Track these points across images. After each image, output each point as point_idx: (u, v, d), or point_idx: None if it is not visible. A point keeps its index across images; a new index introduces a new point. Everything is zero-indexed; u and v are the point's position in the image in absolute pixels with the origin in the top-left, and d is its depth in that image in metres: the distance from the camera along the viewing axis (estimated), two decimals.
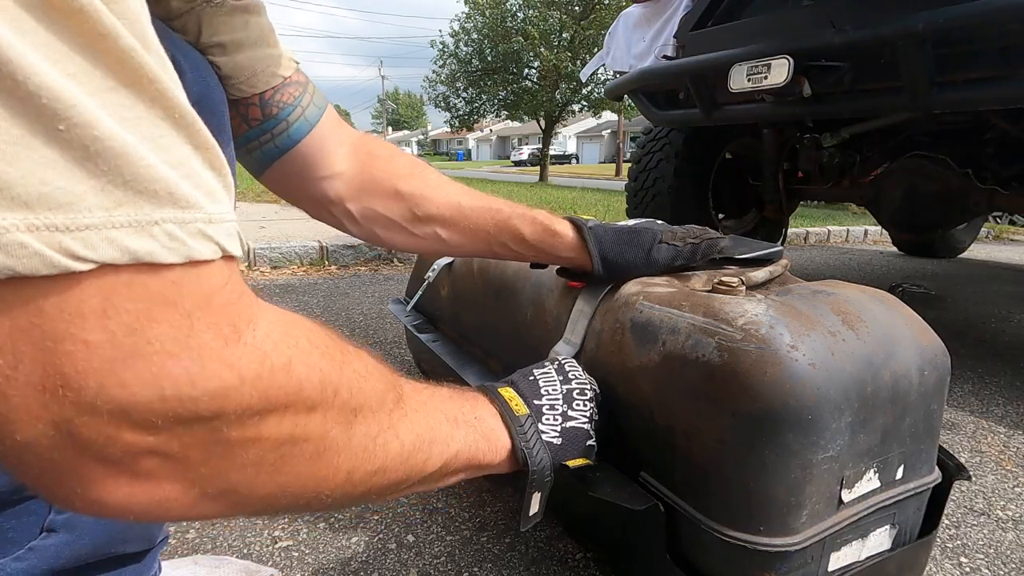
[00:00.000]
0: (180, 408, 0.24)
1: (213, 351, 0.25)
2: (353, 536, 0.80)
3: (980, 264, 3.62)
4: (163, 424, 0.24)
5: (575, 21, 13.62)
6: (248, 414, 0.26)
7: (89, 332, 0.22)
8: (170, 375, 0.23)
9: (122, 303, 0.22)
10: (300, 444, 0.29)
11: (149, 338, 0.23)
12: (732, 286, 0.61)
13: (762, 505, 0.51)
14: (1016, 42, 1.17)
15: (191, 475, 0.26)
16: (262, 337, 0.27)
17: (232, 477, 0.27)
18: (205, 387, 0.24)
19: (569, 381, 0.58)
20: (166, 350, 0.23)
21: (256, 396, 0.26)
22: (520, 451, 0.49)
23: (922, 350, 0.58)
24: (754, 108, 1.66)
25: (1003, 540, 0.86)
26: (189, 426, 0.25)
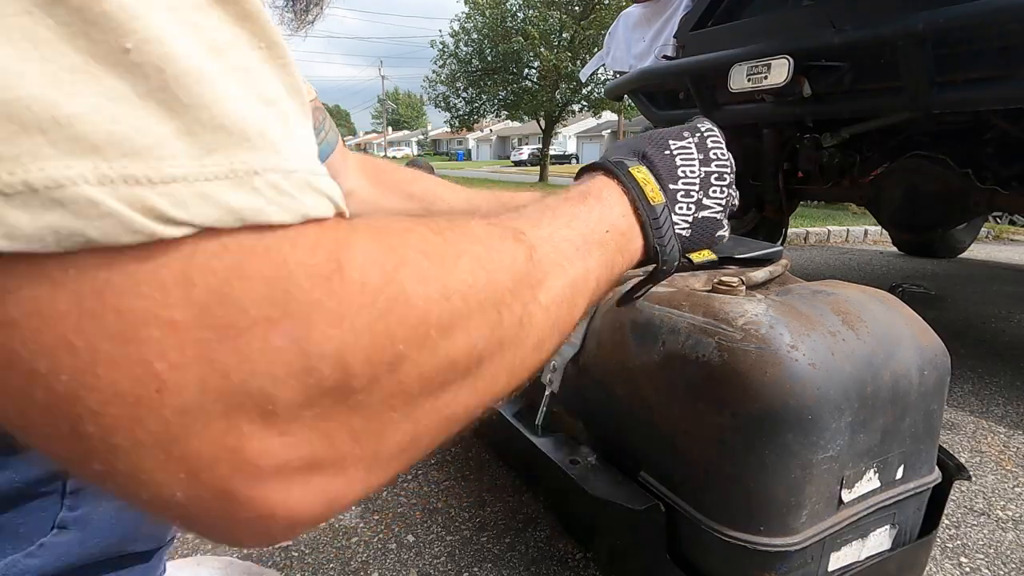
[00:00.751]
0: (299, 386, 0.19)
1: (317, 303, 0.19)
2: (353, 536, 0.80)
3: (980, 264, 3.62)
4: (286, 411, 0.19)
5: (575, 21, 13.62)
6: (384, 367, 0.21)
7: (174, 311, 0.17)
8: (276, 349, 0.18)
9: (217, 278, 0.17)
10: (448, 371, 0.24)
11: (242, 308, 0.18)
12: (732, 286, 0.61)
13: (762, 505, 0.51)
14: (1016, 42, 1.17)
15: (351, 456, 0.21)
16: (364, 271, 0.21)
17: (389, 438, 0.23)
18: (320, 352, 0.19)
19: (709, 162, 0.47)
20: (265, 316, 0.18)
21: (386, 344, 0.21)
22: (652, 248, 0.42)
23: (922, 350, 0.58)
24: (754, 108, 1.66)
25: (1003, 540, 0.86)
26: (319, 404, 0.20)
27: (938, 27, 1.16)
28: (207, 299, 0.17)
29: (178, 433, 0.17)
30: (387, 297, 0.21)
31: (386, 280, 0.22)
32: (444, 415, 0.25)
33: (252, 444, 0.19)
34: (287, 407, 0.19)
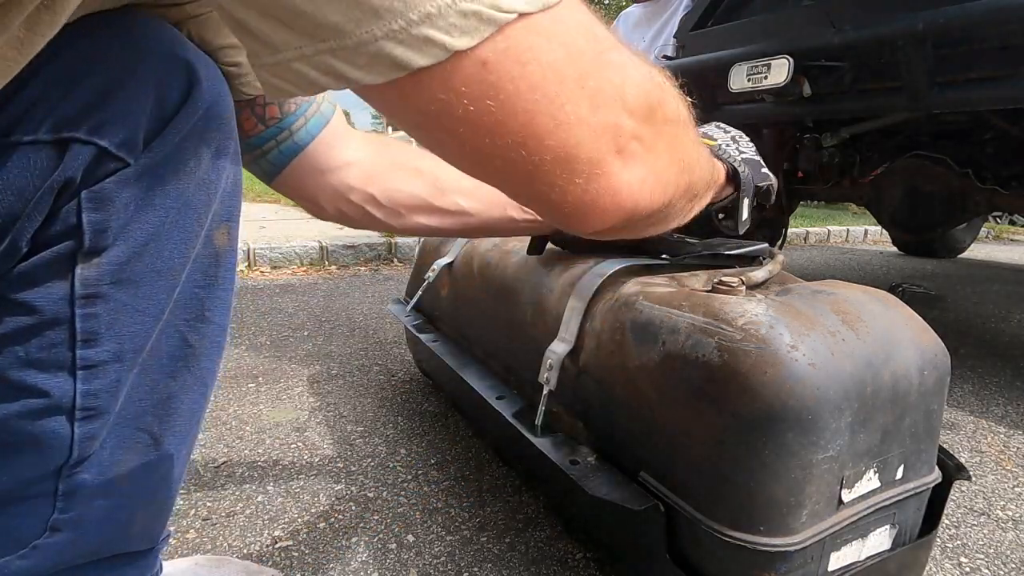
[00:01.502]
0: (639, 94, 0.33)
1: (631, 60, 0.33)
2: (353, 536, 0.80)
3: (980, 264, 3.62)
4: (635, 107, 0.33)
5: None
6: (660, 100, 0.36)
7: (580, 41, 0.30)
8: (629, 76, 0.33)
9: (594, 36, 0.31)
10: (678, 126, 0.39)
11: (609, 60, 0.31)
12: (732, 286, 0.61)
13: (762, 505, 0.51)
14: (1016, 42, 1.17)
15: (650, 155, 0.35)
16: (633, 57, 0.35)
17: (663, 153, 0.37)
18: (644, 85, 0.34)
19: (728, 132, 0.68)
20: (619, 62, 0.32)
21: (655, 87, 0.35)
22: (730, 166, 0.61)
23: (922, 350, 0.58)
24: (754, 108, 1.66)
25: (1003, 540, 0.86)
26: (644, 109, 0.33)
27: (938, 27, 1.16)
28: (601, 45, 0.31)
29: (598, 115, 0.31)
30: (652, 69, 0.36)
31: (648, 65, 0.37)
32: (678, 156, 0.40)
33: (622, 122, 0.32)
34: (634, 105, 0.33)
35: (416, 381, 1.36)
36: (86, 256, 0.41)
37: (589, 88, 0.30)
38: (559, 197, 0.33)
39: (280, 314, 1.88)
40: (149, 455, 0.51)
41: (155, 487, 0.52)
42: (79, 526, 0.47)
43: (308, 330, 1.73)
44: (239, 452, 1.01)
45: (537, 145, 0.30)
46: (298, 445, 1.04)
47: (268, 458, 1.00)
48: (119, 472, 0.49)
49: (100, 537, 0.48)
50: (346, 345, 1.60)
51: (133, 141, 0.40)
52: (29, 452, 0.44)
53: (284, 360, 1.47)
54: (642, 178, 0.35)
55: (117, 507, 0.49)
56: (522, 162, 0.30)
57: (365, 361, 1.48)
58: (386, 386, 1.32)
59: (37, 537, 0.45)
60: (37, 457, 0.44)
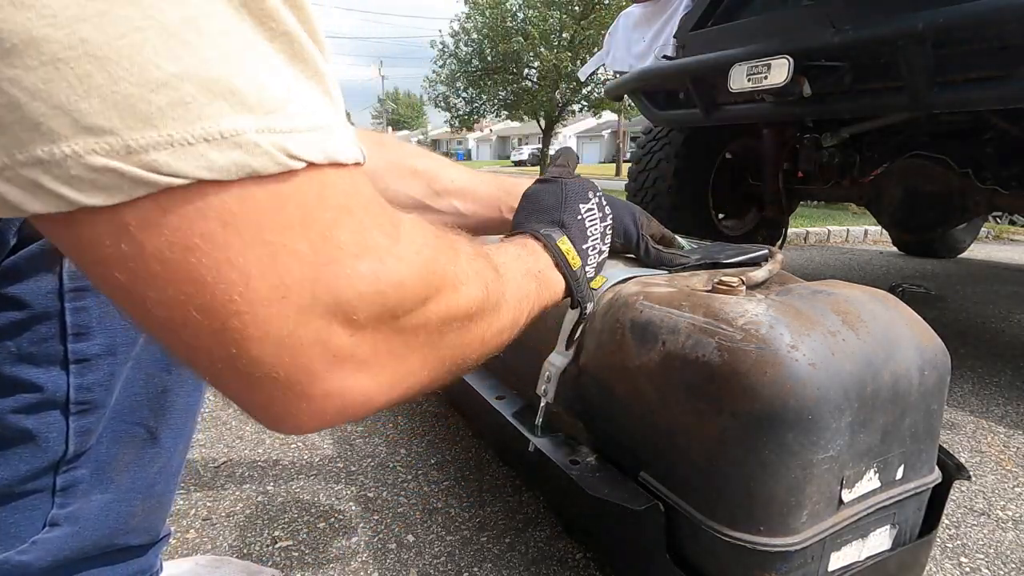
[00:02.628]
0: (373, 303, 0.27)
1: (386, 249, 0.27)
2: (353, 536, 0.80)
3: (980, 264, 3.62)
4: (362, 319, 0.26)
5: (575, 21, 13.62)
6: (418, 301, 0.30)
7: (298, 242, 0.24)
8: (361, 275, 0.26)
9: (317, 212, 0.24)
10: (451, 322, 0.33)
11: (339, 244, 0.25)
12: (732, 286, 0.61)
13: (762, 505, 0.51)
14: (1016, 42, 1.17)
15: (386, 367, 0.29)
16: (409, 234, 0.30)
17: (411, 360, 0.31)
18: (388, 281, 0.27)
19: (606, 217, 0.62)
20: (353, 253, 0.26)
21: (421, 284, 0.29)
22: (577, 299, 0.56)
23: (922, 350, 0.58)
24: (754, 108, 1.66)
25: (1003, 540, 0.86)
26: (380, 318, 0.27)
27: (938, 27, 1.16)
28: (320, 225, 0.24)
29: (292, 327, 0.24)
30: (431, 252, 0.31)
31: (430, 246, 0.31)
32: (445, 352, 0.34)
33: (334, 339, 0.26)
34: (362, 316, 0.26)
35: None
36: None
37: (291, 301, 0.24)
38: (237, 401, 0.27)
39: None
40: (146, 449, 0.51)
41: (152, 481, 0.52)
42: (78, 521, 0.47)
43: None
44: (239, 452, 1.01)
45: (193, 342, 0.24)
46: (298, 445, 1.04)
47: (268, 458, 1.00)
48: (116, 466, 0.49)
49: (99, 531, 0.48)
50: None
51: None
52: (25, 447, 0.44)
53: None
54: (364, 389, 0.29)
55: (115, 501, 0.49)
56: (178, 347, 0.25)
57: None
58: None
59: (36, 532, 0.45)
60: (33, 452, 0.44)
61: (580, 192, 0.59)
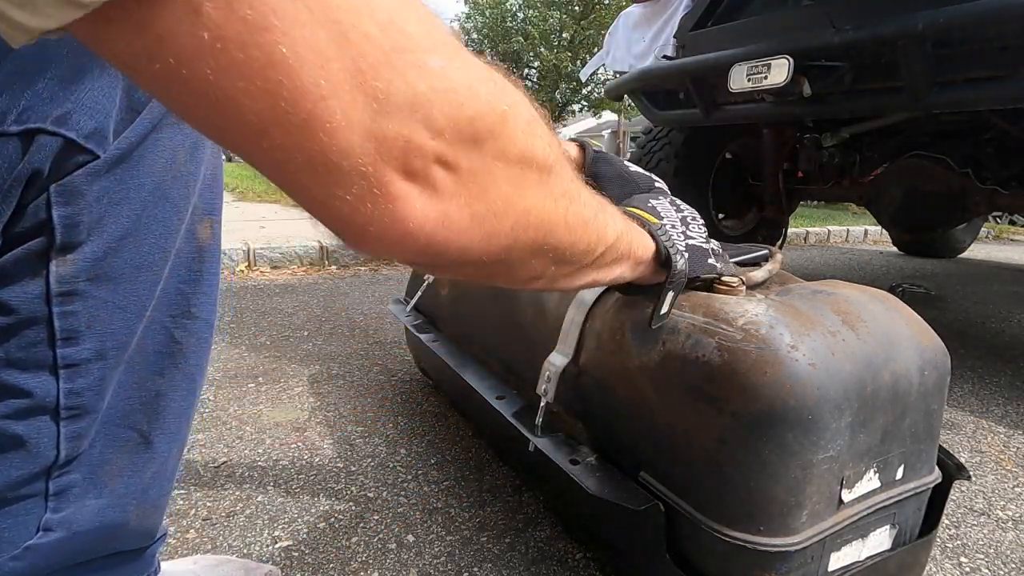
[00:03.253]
0: (448, 102, 0.25)
1: (454, 50, 0.26)
2: (353, 536, 0.80)
3: (980, 264, 3.62)
4: (440, 121, 0.25)
5: (575, 21, 13.63)
6: (493, 116, 0.27)
7: (366, 24, 0.22)
8: (433, 69, 0.24)
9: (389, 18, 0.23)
10: (531, 164, 0.31)
11: (408, 33, 0.24)
12: (732, 286, 0.61)
13: (762, 505, 0.51)
14: (1016, 42, 1.17)
15: (465, 187, 0.28)
16: (472, 58, 0.28)
17: (491, 192, 0.29)
18: (459, 81, 0.26)
19: (681, 210, 0.59)
20: (423, 46, 0.24)
21: (493, 98, 0.27)
22: (663, 249, 0.51)
23: (922, 350, 0.58)
24: (754, 108, 1.66)
25: (1003, 540, 0.86)
26: (457, 125, 0.26)
27: (938, 27, 1.16)
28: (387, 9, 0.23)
29: (374, 114, 0.23)
30: (495, 76, 0.29)
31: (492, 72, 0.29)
32: (521, 207, 0.31)
33: (416, 136, 0.24)
34: (439, 117, 0.25)
35: (416, 381, 1.36)
36: (59, 252, 0.41)
37: (369, 86, 0.23)
38: (320, 210, 0.26)
39: (280, 314, 1.87)
40: (139, 453, 0.51)
41: (147, 486, 0.52)
42: (72, 526, 0.47)
43: (308, 330, 1.72)
44: (239, 452, 1.01)
45: (282, 139, 0.23)
46: (298, 445, 1.04)
47: (268, 458, 1.00)
48: (110, 471, 0.49)
49: (94, 536, 0.48)
50: (346, 345, 1.60)
51: (102, 132, 0.39)
52: (15, 453, 0.44)
53: (284, 360, 1.47)
54: (446, 214, 0.28)
55: (109, 507, 0.49)
56: (265, 153, 0.23)
57: (365, 361, 1.48)
58: (386, 386, 1.32)
59: (30, 538, 0.45)
60: (24, 458, 0.44)
61: (644, 197, 0.59)
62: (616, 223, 0.44)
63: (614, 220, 0.43)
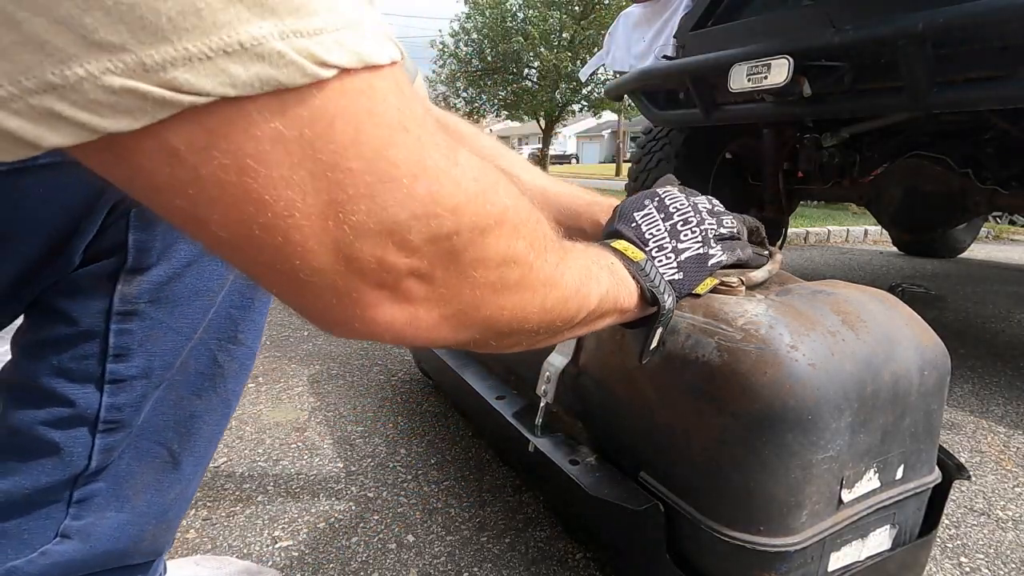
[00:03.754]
0: (428, 225, 0.26)
1: (444, 171, 0.26)
2: (353, 536, 0.80)
3: (980, 264, 3.62)
4: (417, 242, 0.26)
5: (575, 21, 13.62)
6: (476, 232, 0.28)
7: (351, 161, 0.23)
8: (417, 195, 0.25)
9: (370, 129, 0.23)
10: (511, 265, 0.31)
11: (395, 162, 0.24)
12: (732, 286, 0.61)
13: (762, 505, 0.51)
14: (1016, 42, 1.17)
15: (437, 295, 0.28)
16: (466, 161, 0.28)
17: (465, 296, 0.30)
18: (444, 204, 0.26)
19: (671, 216, 0.56)
20: (410, 173, 0.24)
21: (478, 213, 0.28)
22: (647, 291, 0.49)
23: (922, 350, 0.58)
24: (754, 108, 1.66)
25: (1003, 540, 0.86)
26: (435, 243, 0.26)
27: (938, 27, 1.16)
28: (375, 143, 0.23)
29: (349, 241, 0.24)
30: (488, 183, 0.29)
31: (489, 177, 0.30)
32: (505, 301, 0.32)
33: (389, 257, 0.25)
34: (417, 239, 0.26)
35: (416, 381, 1.36)
36: (129, 274, 0.43)
37: (345, 217, 0.23)
38: (294, 306, 0.27)
39: (280, 314, 1.87)
40: (166, 472, 0.51)
41: (168, 507, 0.52)
42: (89, 536, 0.47)
43: (308, 330, 1.73)
44: (239, 452, 1.01)
45: (255, 257, 0.24)
46: (298, 445, 1.04)
47: (268, 458, 1.00)
48: (134, 485, 0.49)
49: (108, 549, 0.49)
50: (346, 345, 1.60)
51: None
52: (49, 459, 0.45)
53: (284, 360, 1.47)
54: (415, 316, 0.28)
55: (128, 523, 0.49)
56: (240, 263, 0.25)
57: (365, 361, 1.48)
58: (386, 386, 1.32)
59: (47, 542, 0.45)
60: (56, 465, 0.45)
61: (634, 203, 0.57)
62: (601, 284, 0.43)
63: (599, 282, 0.43)
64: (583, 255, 0.43)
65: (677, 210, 0.57)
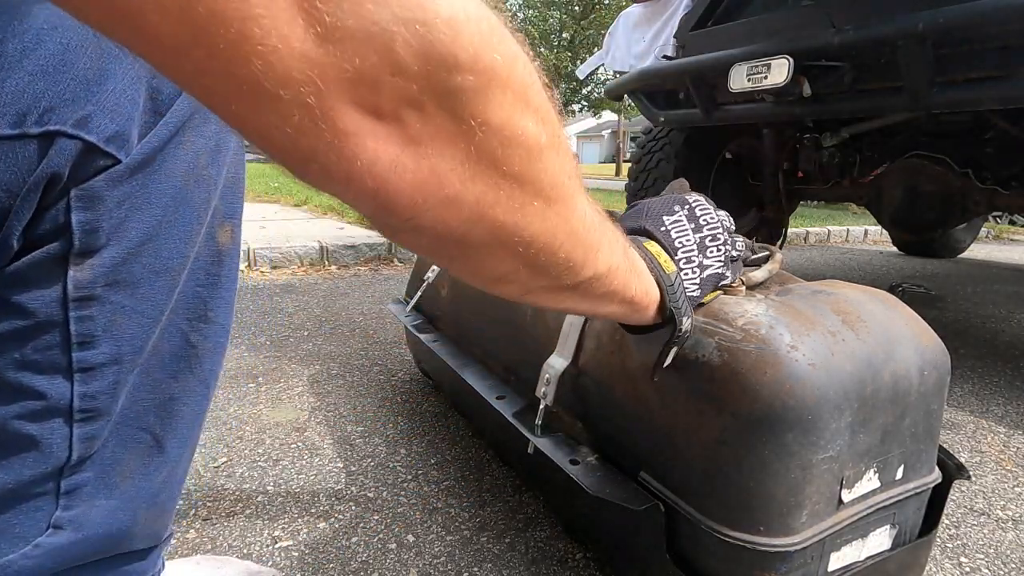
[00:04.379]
0: (417, 34, 0.21)
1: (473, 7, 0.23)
2: (353, 536, 0.80)
3: (980, 264, 3.62)
4: (404, 56, 0.21)
5: (575, 21, 13.62)
6: (477, 73, 0.24)
7: None
8: (443, 18, 0.21)
9: None
10: (515, 146, 0.27)
11: None
12: (732, 286, 0.61)
13: (762, 505, 0.51)
14: (1016, 42, 1.17)
15: (427, 134, 0.24)
16: None
17: (459, 154, 0.25)
18: (439, 11, 0.22)
19: (701, 228, 0.54)
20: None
21: (481, 49, 0.24)
22: (668, 309, 0.47)
23: (922, 350, 0.58)
24: (754, 108, 1.66)
25: (1003, 540, 0.86)
26: (427, 62, 0.22)
27: (938, 27, 1.16)
28: None
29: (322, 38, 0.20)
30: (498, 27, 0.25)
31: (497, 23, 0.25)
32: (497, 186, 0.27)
33: (370, 69, 0.21)
34: (403, 52, 0.21)
35: (416, 381, 1.36)
36: (78, 257, 0.41)
37: (313, 8, 0.19)
38: (257, 139, 0.23)
39: (280, 314, 1.87)
40: (152, 456, 0.51)
41: (158, 490, 0.52)
42: (82, 526, 0.47)
43: (308, 330, 1.73)
44: (239, 452, 1.01)
45: (205, 63, 0.19)
46: (298, 445, 1.04)
47: (268, 458, 1.00)
48: (122, 471, 0.49)
49: (102, 537, 0.49)
50: (346, 345, 1.60)
51: (123, 136, 0.38)
52: (29, 452, 0.44)
53: (284, 360, 1.47)
54: (398, 161, 0.24)
55: (119, 508, 0.49)
56: (188, 77, 0.20)
57: (365, 361, 1.48)
58: (386, 386, 1.32)
59: (40, 535, 0.45)
60: (36, 458, 0.44)
61: (663, 206, 0.54)
62: (614, 256, 0.40)
63: (611, 250, 0.39)
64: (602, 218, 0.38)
65: (708, 223, 0.54)
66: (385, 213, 0.26)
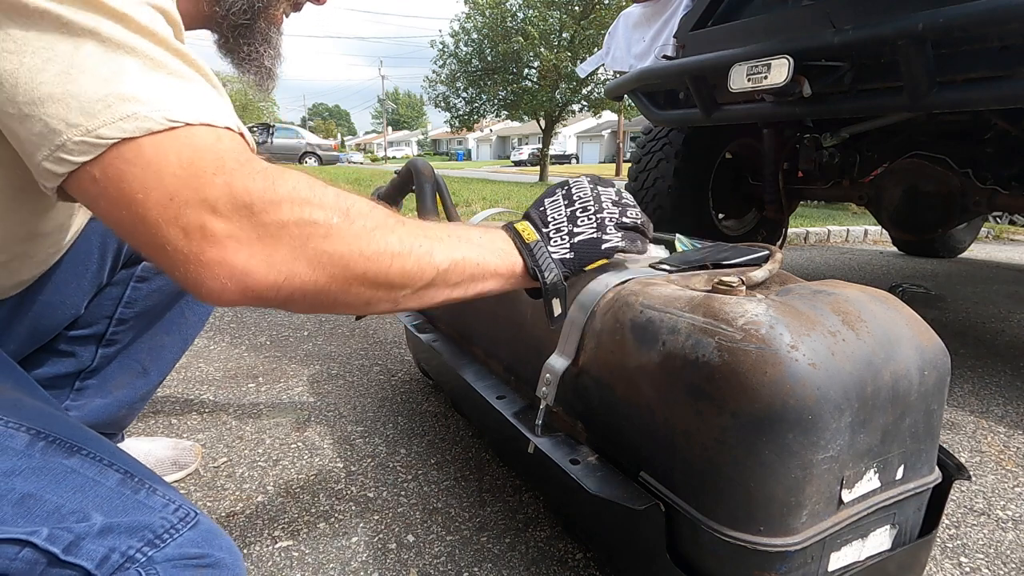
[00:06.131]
0: (227, 197, 0.40)
1: (239, 171, 0.41)
2: (353, 536, 0.80)
3: (980, 264, 3.62)
4: (222, 210, 0.40)
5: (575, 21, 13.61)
6: (268, 203, 0.41)
7: (177, 170, 0.39)
8: (215, 183, 0.40)
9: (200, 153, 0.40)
10: (311, 225, 0.43)
11: (202, 167, 0.40)
12: (732, 286, 0.61)
13: (762, 505, 0.51)
14: (1016, 42, 1.17)
15: (258, 248, 0.41)
16: (279, 171, 0.43)
17: (282, 243, 0.42)
18: (237, 186, 0.40)
19: (573, 203, 0.65)
20: (211, 171, 0.40)
21: (268, 192, 0.41)
22: (531, 269, 0.59)
23: (922, 350, 0.58)
24: (754, 108, 1.66)
25: (1003, 540, 0.86)
26: (237, 210, 0.40)
27: (938, 27, 1.16)
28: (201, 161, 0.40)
29: (184, 215, 0.39)
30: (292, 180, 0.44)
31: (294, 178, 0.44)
32: (311, 250, 0.43)
33: (208, 223, 0.40)
34: (223, 207, 0.40)
35: (416, 381, 1.36)
36: None
37: (169, 196, 0.39)
38: (171, 274, 0.41)
39: (280, 314, 1.87)
40: (138, 378, 0.84)
41: (136, 400, 0.85)
42: (81, 412, 0.79)
43: (308, 330, 1.73)
44: (239, 452, 1.01)
45: (147, 236, 0.40)
46: (298, 445, 1.04)
47: (268, 458, 1.00)
48: (115, 384, 0.82)
49: (92, 421, 0.79)
50: (346, 345, 1.60)
51: None
52: (68, 359, 0.78)
53: (284, 360, 1.47)
54: (257, 260, 0.41)
55: (108, 406, 0.82)
56: (138, 240, 0.41)
57: (365, 361, 1.48)
58: (386, 386, 1.32)
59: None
60: (70, 363, 0.78)
61: (550, 191, 0.67)
62: (454, 251, 0.52)
63: (449, 247, 0.52)
64: (437, 230, 0.52)
65: (580, 199, 0.65)
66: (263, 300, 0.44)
